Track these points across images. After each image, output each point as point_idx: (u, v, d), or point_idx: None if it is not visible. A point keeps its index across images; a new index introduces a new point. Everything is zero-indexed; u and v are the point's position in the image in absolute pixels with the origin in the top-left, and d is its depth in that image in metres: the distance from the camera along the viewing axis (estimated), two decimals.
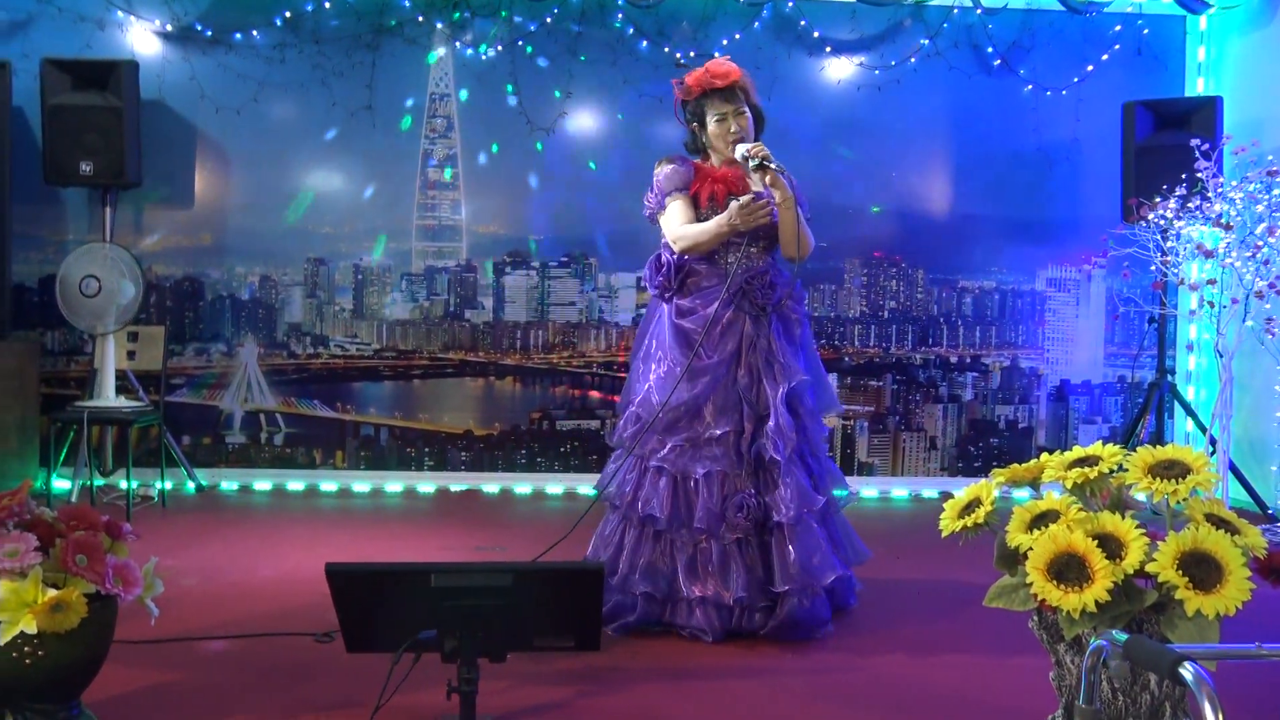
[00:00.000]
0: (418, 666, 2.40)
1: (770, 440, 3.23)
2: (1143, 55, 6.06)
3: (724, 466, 3.25)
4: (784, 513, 3.21)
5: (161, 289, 5.77)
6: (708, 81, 3.37)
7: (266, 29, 5.71)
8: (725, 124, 3.37)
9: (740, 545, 3.26)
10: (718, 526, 3.24)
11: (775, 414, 3.24)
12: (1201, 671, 1.46)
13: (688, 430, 3.29)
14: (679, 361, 3.31)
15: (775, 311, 3.36)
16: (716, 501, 3.24)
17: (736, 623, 3.24)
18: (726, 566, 3.24)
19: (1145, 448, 2.19)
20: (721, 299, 3.30)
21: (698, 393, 3.28)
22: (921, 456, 6.11)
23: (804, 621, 3.23)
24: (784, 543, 3.22)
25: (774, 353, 3.32)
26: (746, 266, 3.35)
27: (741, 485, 3.26)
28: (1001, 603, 2.20)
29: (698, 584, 3.24)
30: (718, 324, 3.30)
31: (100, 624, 2.39)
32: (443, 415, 5.96)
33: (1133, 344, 6.12)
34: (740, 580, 3.21)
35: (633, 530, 3.34)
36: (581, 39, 5.85)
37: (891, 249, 6.06)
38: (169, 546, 4.27)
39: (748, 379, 3.30)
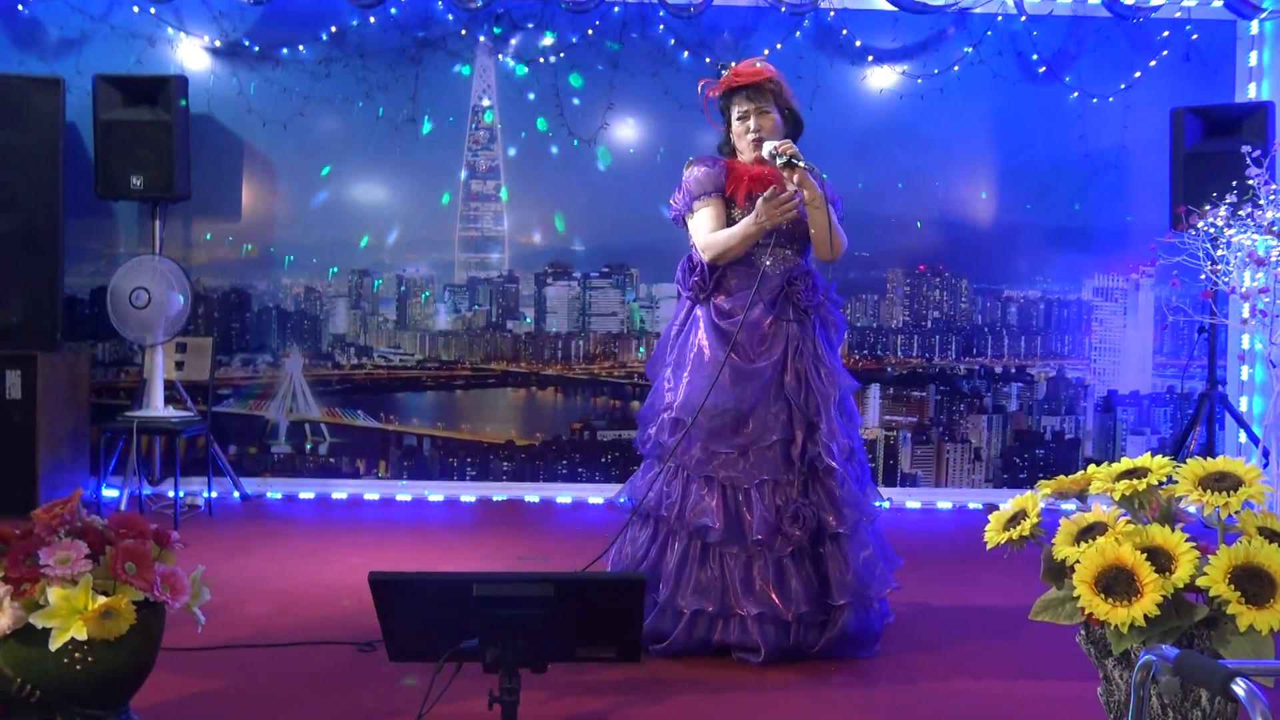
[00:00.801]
0: (459, 676, 2.41)
1: (824, 447, 3.16)
2: (1191, 61, 5.96)
3: (776, 475, 3.15)
4: (840, 522, 3.13)
5: (209, 300, 5.86)
6: (732, 79, 3.31)
7: (312, 44, 5.78)
8: (746, 122, 3.29)
9: (795, 557, 3.15)
10: (773, 538, 3.12)
11: (827, 420, 3.18)
12: (1255, 688, 1.42)
13: (735, 437, 3.18)
14: (720, 363, 3.19)
15: (817, 314, 3.31)
16: (771, 512, 3.12)
17: (795, 639, 3.12)
18: (784, 580, 3.12)
19: (1195, 459, 2.15)
20: (764, 301, 3.23)
21: (744, 398, 3.17)
22: (966, 468, 6.05)
23: (858, 636, 3.16)
24: (840, 554, 3.15)
25: (820, 357, 3.25)
26: (784, 269, 3.28)
27: (793, 494, 3.15)
28: (1048, 616, 2.17)
29: (753, 599, 3.11)
30: (759, 327, 3.21)
31: (148, 631, 2.43)
32: (484, 425, 5.99)
33: (1182, 354, 6.02)
34: (801, 594, 3.12)
35: (678, 543, 3.21)
36: (623, 50, 5.87)
37: (935, 258, 6.01)
38: (215, 555, 4.32)
39: (795, 384, 3.20)
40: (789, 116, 3.36)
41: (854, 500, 3.17)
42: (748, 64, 3.34)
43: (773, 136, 3.26)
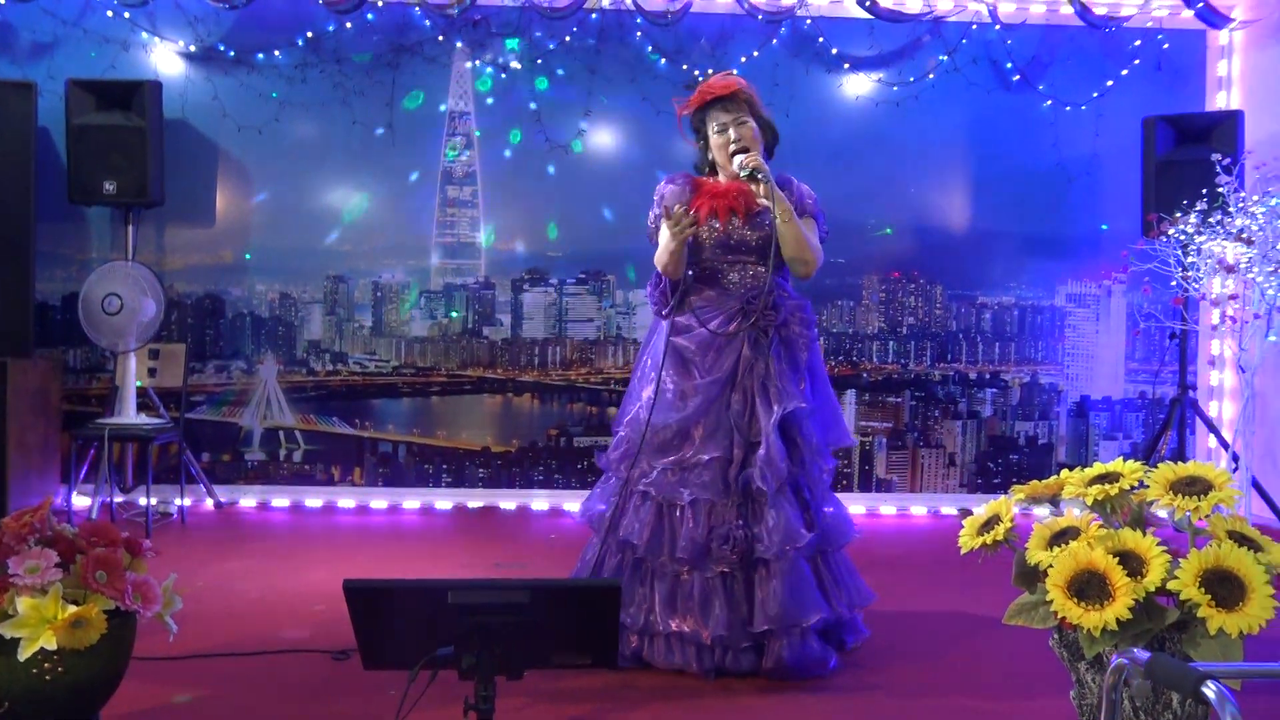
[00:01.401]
0: (434, 684, 2.40)
1: (758, 469, 3.05)
2: (1163, 70, 6.03)
3: (711, 495, 3.06)
4: (768, 547, 3.03)
5: (183, 306, 5.82)
6: (705, 93, 3.27)
7: (288, 49, 5.76)
8: (725, 134, 3.24)
9: (724, 580, 3.06)
10: (701, 559, 3.05)
11: (766, 442, 3.06)
12: (1225, 691, 1.44)
13: (676, 454, 3.12)
14: (672, 380, 3.18)
15: (778, 333, 3.18)
16: (702, 532, 3.05)
17: (719, 663, 3.05)
18: (708, 602, 3.05)
19: (1166, 464, 2.17)
20: (720, 318, 3.18)
21: (688, 414, 3.12)
22: (940, 473, 6.08)
23: (794, 666, 3.03)
24: (767, 580, 3.03)
25: (771, 376, 3.13)
26: (750, 285, 3.20)
27: (728, 516, 3.06)
28: (1021, 620, 2.18)
29: (675, 618, 3.06)
30: (711, 344, 3.16)
31: (119, 640, 2.41)
32: (460, 432, 5.98)
33: (1154, 360, 6.08)
34: (721, 618, 3.03)
35: (612, 557, 3.18)
36: (600, 57, 5.87)
37: (910, 265, 6.05)
38: (188, 563, 4.29)
39: (741, 403, 3.12)
40: (764, 126, 3.32)
41: (785, 526, 3.04)
42: (719, 77, 3.31)
43: (753, 145, 3.22)
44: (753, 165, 3.12)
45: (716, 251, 3.24)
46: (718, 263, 3.25)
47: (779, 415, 3.09)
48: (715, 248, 3.24)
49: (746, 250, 3.22)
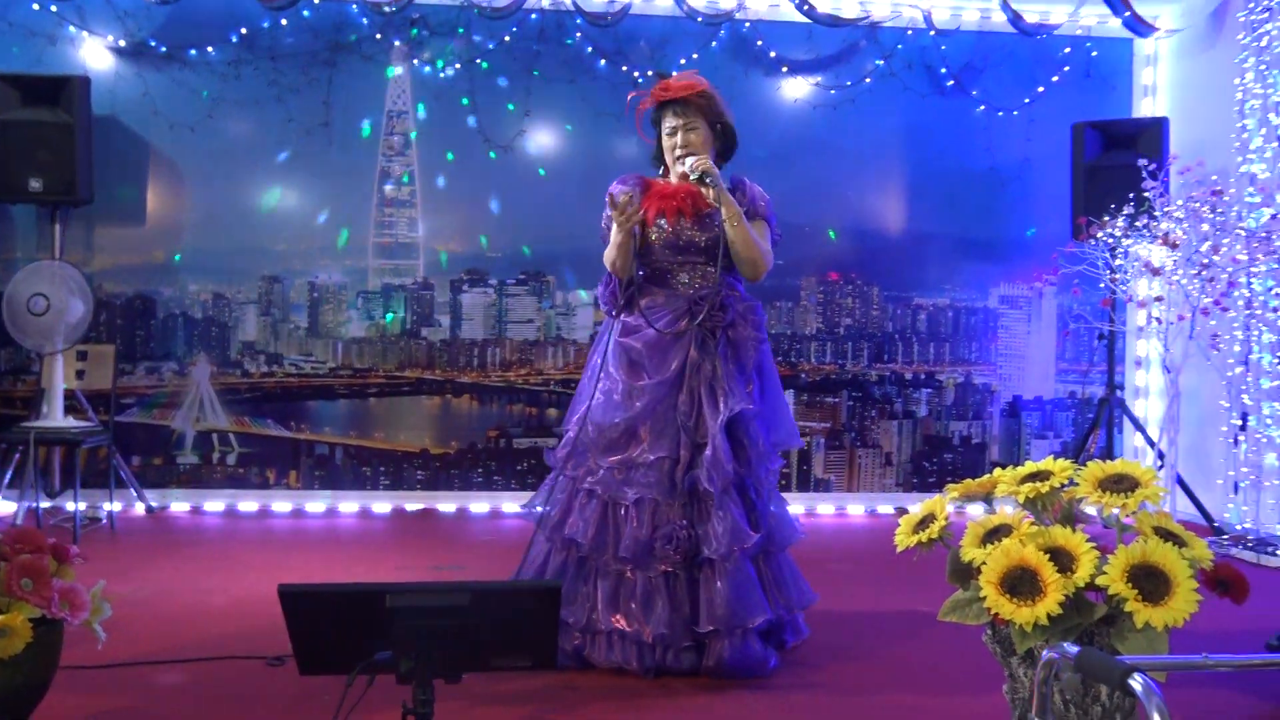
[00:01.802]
0: (372, 688, 2.38)
1: (704, 470, 3.07)
2: (1091, 77, 6.18)
3: (656, 494, 3.08)
4: (714, 548, 3.04)
5: (112, 307, 5.69)
6: (660, 93, 3.27)
7: (222, 45, 5.66)
8: (673, 138, 3.26)
9: (667, 579, 3.08)
10: (645, 558, 3.07)
11: (712, 443, 3.08)
12: (1151, 683, 1.48)
13: (623, 453, 3.13)
14: (619, 381, 3.19)
15: (726, 334, 3.20)
16: (645, 531, 3.06)
17: (659, 661, 3.07)
18: (650, 601, 3.06)
19: (1095, 462, 2.22)
20: (667, 318, 3.19)
21: (634, 414, 3.13)
22: (877, 473, 6.15)
23: (735, 667, 3.04)
24: (712, 580, 3.05)
25: (718, 377, 3.14)
26: (699, 286, 3.22)
27: (673, 516, 3.08)
28: (955, 617, 2.22)
29: (617, 616, 3.08)
30: (658, 345, 3.17)
31: (46, 649, 2.35)
32: (399, 434, 5.92)
33: (1083, 360, 6.22)
34: (662, 617, 3.04)
35: (557, 555, 3.20)
36: (540, 57, 5.86)
37: (847, 267, 6.12)
38: (118, 569, 4.20)
39: (688, 404, 3.13)
40: (721, 130, 3.32)
41: (732, 527, 3.05)
42: (679, 77, 3.31)
43: (700, 151, 3.22)
44: (701, 169, 3.14)
45: (666, 252, 3.25)
46: (667, 264, 3.27)
47: (725, 416, 3.10)
48: (664, 249, 3.25)
49: (695, 251, 3.24)
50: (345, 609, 2.33)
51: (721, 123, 3.32)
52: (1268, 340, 5.11)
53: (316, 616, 2.33)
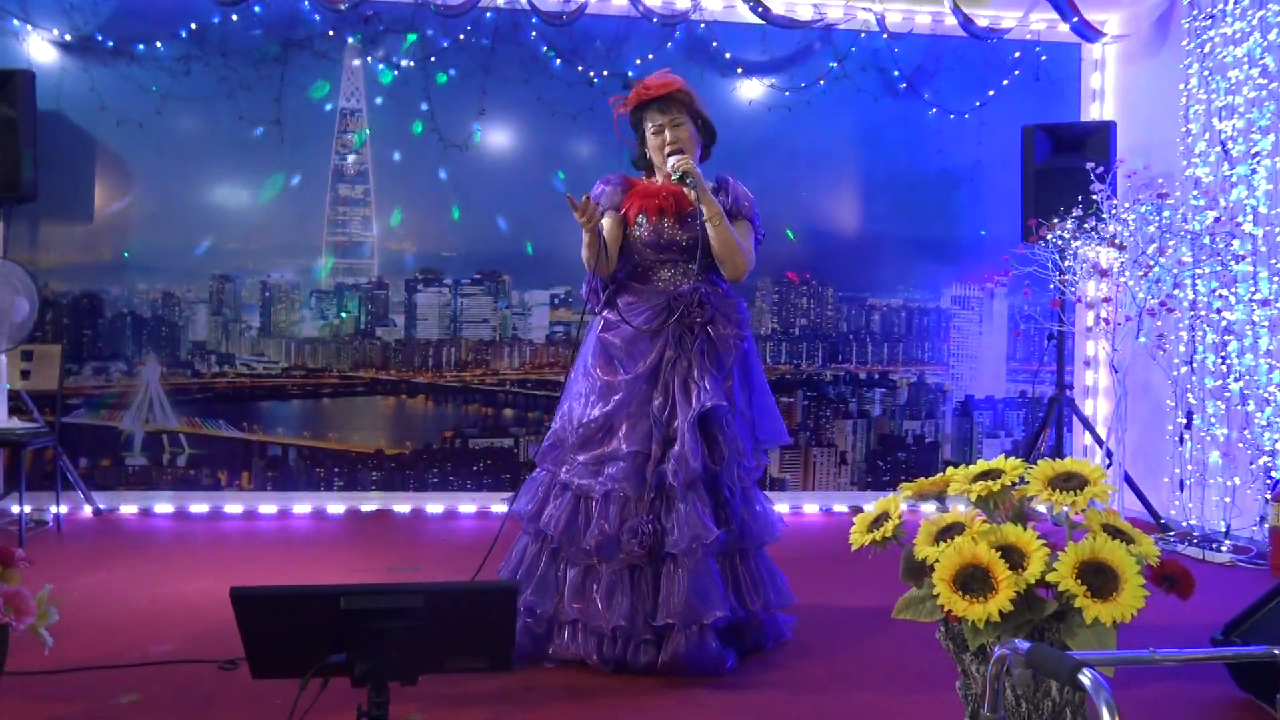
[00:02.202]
0: (326, 692, 2.36)
1: (671, 465, 3.10)
2: (1041, 81, 6.27)
3: (626, 489, 3.12)
4: (676, 543, 3.06)
5: (58, 306, 5.59)
6: (642, 92, 3.30)
7: (171, 41, 5.58)
8: (661, 136, 3.29)
9: (632, 573, 3.11)
10: (610, 550, 3.10)
11: (681, 438, 3.11)
12: (1099, 678, 1.50)
13: (598, 447, 3.18)
14: (598, 376, 3.24)
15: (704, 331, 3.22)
16: (614, 524, 3.11)
17: (619, 653, 3.09)
18: (613, 593, 3.09)
19: (1045, 461, 2.25)
20: (645, 315, 3.24)
21: (610, 409, 3.18)
22: (832, 471, 6.20)
23: (691, 662, 3.05)
24: (673, 575, 3.07)
25: (693, 374, 3.17)
26: (679, 285, 3.27)
27: (641, 510, 3.12)
28: (909, 614, 2.24)
29: (579, 605, 3.12)
30: (636, 341, 3.22)
31: None
32: (353, 434, 5.87)
33: (1033, 360, 6.31)
34: (623, 609, 3.07)
35: (533, 546, 3.25)
36: (495, 56, 5.84)
37: (802, 267, 6.16)
38: (65, 573, 4.12)
39: (661, 400, 3.17)
40: (702, 126, 3.38)
41: (693, 522, 3.07)
42: (656, 76, 3.34)
43: (688, 147, 3.29)
44: (683, 169, 3.19)
45: (647, 251, 3.30)
46: (649, 262, 3.32)
47: (695, 412, 3.14)
48: (646, 247, 3.30)
49: (677, 250, 3.28)
50: (299, 611, 2.31)
51: (702, 118, 3.38)
52: (1211, 341, 5.22)
53: (270, 619, 2.30)
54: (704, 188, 3.23)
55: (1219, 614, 3.18)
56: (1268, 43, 4.97)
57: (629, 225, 3.31)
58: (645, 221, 3.28)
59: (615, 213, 3.33)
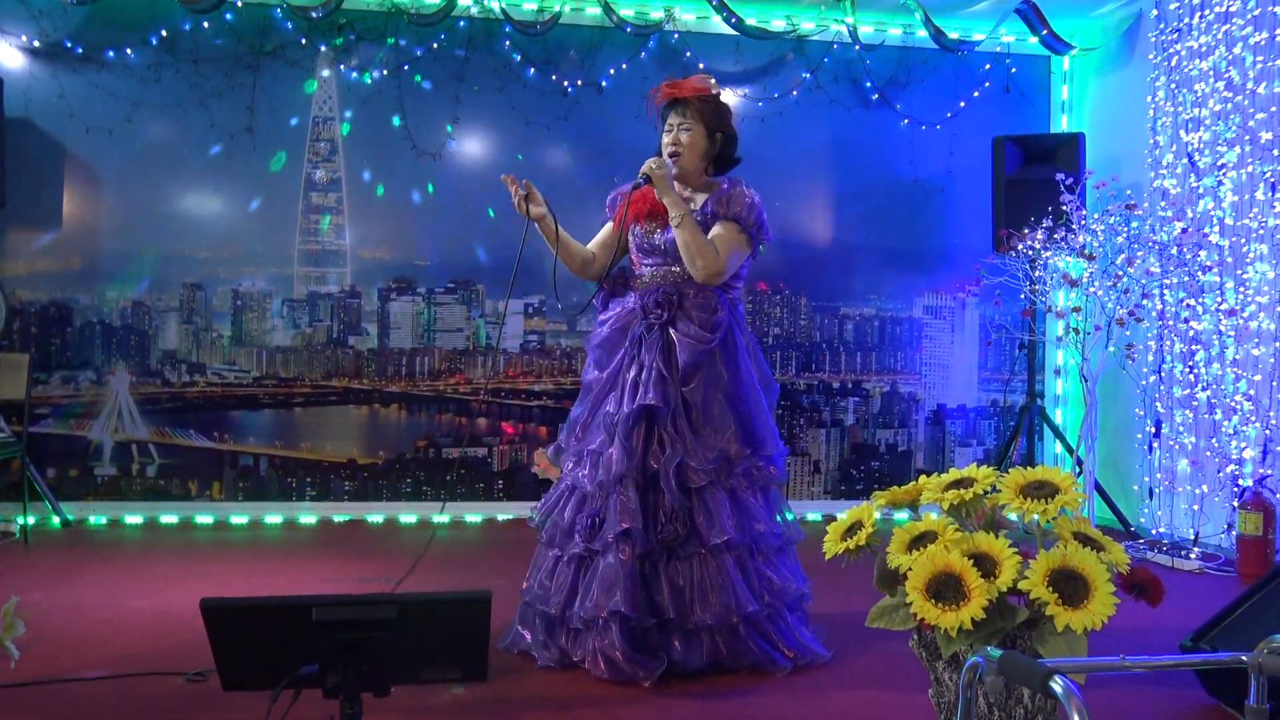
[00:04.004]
0: (298, 703, 2.34)
1: (600, 465, 3.23)
2: (1011, 93, 6.33)
3: (588, 484, 3.24)
4: (600, 538, 3.17)
5: (26, 314, 5.52)
6: (668, 91, 3.37)
7: (141, 48, 5.54)
8: (669, 135, 3.37)
9: (578, 562, 3.21)
10: (565, 540, 3.25)
11: (615, 436, 3.21)
12: (1070, 685, 1.51)
13: (579, 444, 3.34)
14: (587, 376, 3.42)
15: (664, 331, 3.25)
16: (569, 516, 3.26)
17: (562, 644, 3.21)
18: (559, 580, 3.24)
19: (1017, 469, 2.27)
20: (619, 313, 3.36)
21: (585, 409, 3.37)
22: (806, 480, 6.22)
23: (600, 657, 3.09)
24: (594, 569, 3.17)
25: (641, 375, 3.23)
26: (657, 285, 3.34)
27: (592, 504, 3.23)
28: (883, 623, 2.25)
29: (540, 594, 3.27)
30: (610, 340, 3.35)
31: None
32: (325, 444, 5.83)
33: (1004, 369, 6.36)
34: (562, 596, 3.20)
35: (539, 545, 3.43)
36: (469, 65, 5.83)
37: (776, 277, 6.18)
38: (32, 585, 4.07)
39: (615, 400, 3.27)
40: (722, 138, 3.41)
41: (616, 516, 3.12)
42: (693, 79, 3.40)
43: (685, 151, 3.33)
44: (643, 171, 3.27)
45: (638, 255, 3.43)
46: (639, 265, 3.44)
47: (628, 412, 3.20)
48: (637, 251, 3.43)
49: (659, 253, 3.36)
50: (270, 623, 2.29)
51: (722, 131, 3.41)
52: (1179, 350, 5.28)
53: (240, 631, 2.28)
54: (666, 188, 3.25)
55: (1188, 621, 3.21)
56: (1232, 56, 5.04)
57: (624, 230, 3.44)
58: (635, 226, 3.41)
59: (611, 221, 3.50)
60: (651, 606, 3.13)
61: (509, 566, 3.82)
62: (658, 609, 3.13)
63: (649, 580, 3.16)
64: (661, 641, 3.15)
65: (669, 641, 3.16)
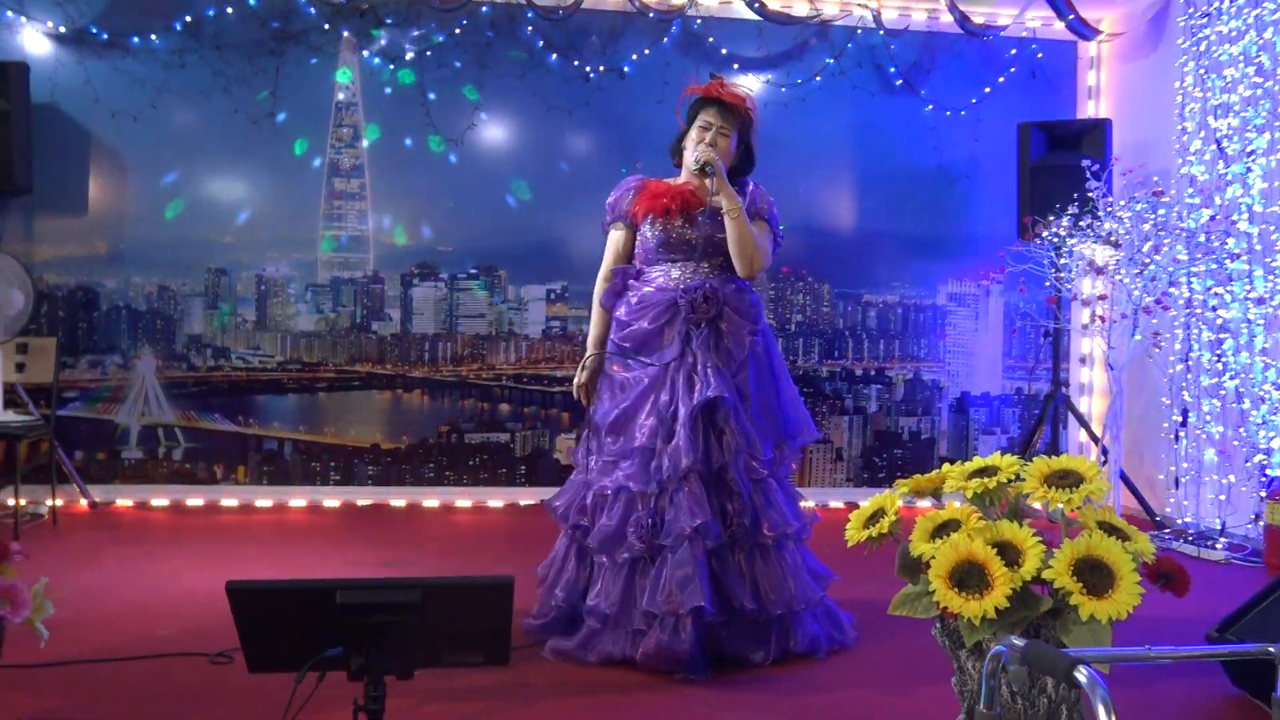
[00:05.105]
0: (323, 686, 2.36)
1: (666, 460, 3.15)
2: (1036, 78, 6.27)
3: (633, 484, 3.17)
4: (665, 535, 3.12)
5: (53, 299, 5.57)
6: (714, 89, 3.34)
7: (165, 33, 5.57)
8: (704, 132, 3.30)
9: (631, 566, 3.16)
10: (613, 545, 3.17)
11: (678, 433, 3.15)
12: (1095, 675, 1.50)
13: (614, 445, 3.26)
14: (616, 374, 3.34)
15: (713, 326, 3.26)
16: (618, 519, 3.18)
17: (607, 646, 3.15)
18: (610, 585, 3.18)
19: (1041, 458, 2.26)
20: (655, 312, 3.29)
21: (625, 406, 3.26)
22: (828, 468, 6.21)
23: (662, 655, 3.04)
24: (661, 567, 3.11)
25: (697, 369, 3.21)
26: (690, 282, 3.30)
27: (646, 505, 3.16)
28: (905, 611, 2.24)
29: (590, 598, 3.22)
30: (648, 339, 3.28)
31: None
32: (349, 428, 5.86)
33: (1029, 357, 6.32)
34: (613, 599, 3.14)
35: (563, 540, 3.39)
36: (491, 51, 5.83)
37: (798, 263, 6.16)
38: (60, 566, 4.12)
39: (668, 396, 3.22)
40: (745, 152, 3.42)
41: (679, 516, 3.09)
42: (735, 85, 3.39)
43: (722, 156, 3.29)
44: (705, 158, 3.23)
45: (659, 250, 3.35)
46: (661, 260, 3.36)
47: (695, 406, 3.16)
48: (658, 246, 3.35)
49: (687, 248, 3.32)
50: (295, 606, 2.31)
51: (749, 145, 3.42)
52: (1207, 338, 5.23)
53: (266, 613, 2.30)
54: (724, 179, 3.25)
55: (1214, 611, 3.19)
56: (1263, 41, 4.98)
57: (637, 225, 3.39)
58: (653, 221, 3.34)
59: (621, 222, 3.43)
60: (723, 601, 3.13)
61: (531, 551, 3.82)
62: (730, 603, 3.14)
63: (717, 575, 3.15)
64: (727, 636, 3.17)
65: (737, 635, 3.17)
